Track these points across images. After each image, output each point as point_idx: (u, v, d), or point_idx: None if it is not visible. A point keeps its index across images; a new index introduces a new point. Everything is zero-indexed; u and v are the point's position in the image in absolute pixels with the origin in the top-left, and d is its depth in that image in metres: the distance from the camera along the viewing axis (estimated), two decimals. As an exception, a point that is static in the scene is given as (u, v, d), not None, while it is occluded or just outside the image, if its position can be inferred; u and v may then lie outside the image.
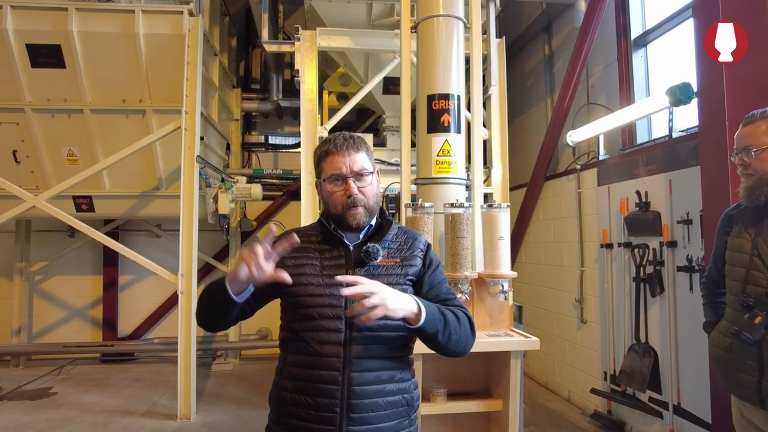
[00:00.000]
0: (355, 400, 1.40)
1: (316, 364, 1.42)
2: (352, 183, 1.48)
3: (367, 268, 1.49)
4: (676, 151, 3.44)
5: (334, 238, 1.53)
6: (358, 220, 1.49)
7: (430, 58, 2.98)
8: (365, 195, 1.50)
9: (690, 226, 3.30)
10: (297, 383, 1.44)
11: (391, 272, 1.51)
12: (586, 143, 4.64)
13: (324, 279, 1.46)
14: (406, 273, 1.53)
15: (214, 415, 4.66)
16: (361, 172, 1.50)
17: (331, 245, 1.53)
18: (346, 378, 1.40)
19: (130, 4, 4.76)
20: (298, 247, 1.45)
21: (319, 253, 1.52)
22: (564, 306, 4.98)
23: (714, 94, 2.78)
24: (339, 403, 1.40)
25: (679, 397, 3.39)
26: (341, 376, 1.40)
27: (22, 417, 4.55)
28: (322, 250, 1.53)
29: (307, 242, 1.53)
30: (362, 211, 1.49)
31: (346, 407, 1.40)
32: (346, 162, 1.48)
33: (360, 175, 1.50)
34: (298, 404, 1.43)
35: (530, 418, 4.43)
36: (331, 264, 1.49)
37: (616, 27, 4.34)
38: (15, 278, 6.51)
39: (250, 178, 6.47)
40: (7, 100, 4.97)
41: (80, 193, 5.38)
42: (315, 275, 1.47)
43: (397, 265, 1.53)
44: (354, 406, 1.40)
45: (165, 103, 5.00)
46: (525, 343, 2.67)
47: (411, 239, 1.60)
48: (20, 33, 4.71)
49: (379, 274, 1.48)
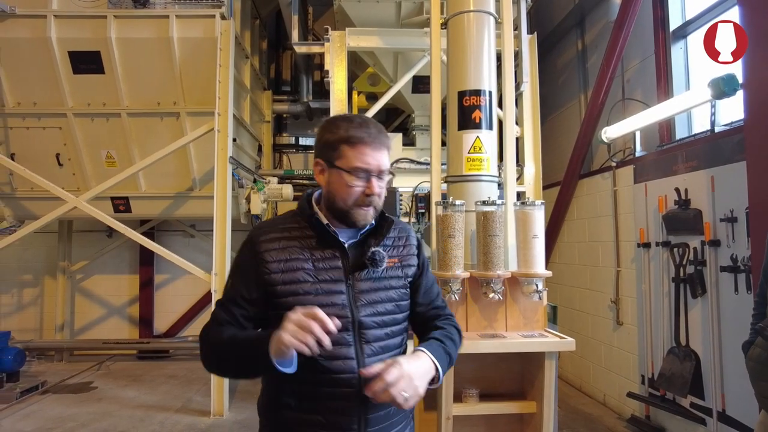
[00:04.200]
0: (373, 414, 1.31)
1: (328, 382, 1.28)
2: (376, 182, 1.32)
3: (367, 271, 1.35)
4: (719, 146, 3.29)
5: (329, 236, 1.34)
6: (368, 220, 1.36)
7: (460, 54, 2.94)
8: (380, 197, 1.35)
9: (734, 225, 3.15)
10: (304, 403, 1.30)
11: (392, 275, 1.39)
12: (622, 140, 4.51)
13: (321, 286, 1.30)
14: (406, 274, 1.42)
15: (247, 412, 4.72)
16: (385, 172, 1.34)
17: (323, 244, 1.34)
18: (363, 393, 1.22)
19: (165, 10, 4.90)
20: (284, 246, 1.31)
21: (309, 253, 1.32)
22: (599, 307, 4.85)
23: (762, 86, 2.66)
24: (357, 420, 1.29)
25: (724, 404, 3.25)
26: (357, 392, 1.26)
27: (65, 410, 4.73)
28: (312, 248, 1.33)
29: (291, 239, 1.33)
30: (373, 212, 1.35)
31: (365, 423, 1.30)
32: (377, 157, 1.31)
33: (382, 174, 1.34)
34: (307, 424, 1.30)
35: (564, 421, 4.32)
36: (326, 267, 1.32)
37: (653, 19, 4.20)
38: (58, 277, 6.81)
39: (281, 178, 6.55)
40: (51, 105, 5.19)
41: (118, 194, 5.57)
42: (310, 282, 1.29)
43: (396, 266, 1.41)
44: (372, 420, 1.31)
45: (198, 105, 5.12)
46: (560, 344, 2.60)
47: (405, 234, 1.48)
48: (63, 41, 4.91)
49: (381, 277, 1.37)
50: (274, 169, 7.25)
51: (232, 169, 4.90)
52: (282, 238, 1.33)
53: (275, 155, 7.52)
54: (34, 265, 7.02)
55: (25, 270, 7.02)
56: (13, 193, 5.55)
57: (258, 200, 5.69)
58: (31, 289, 7.03)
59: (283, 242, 1.33)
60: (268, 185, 5.89)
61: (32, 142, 5.35)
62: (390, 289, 1.38)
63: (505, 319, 2.78)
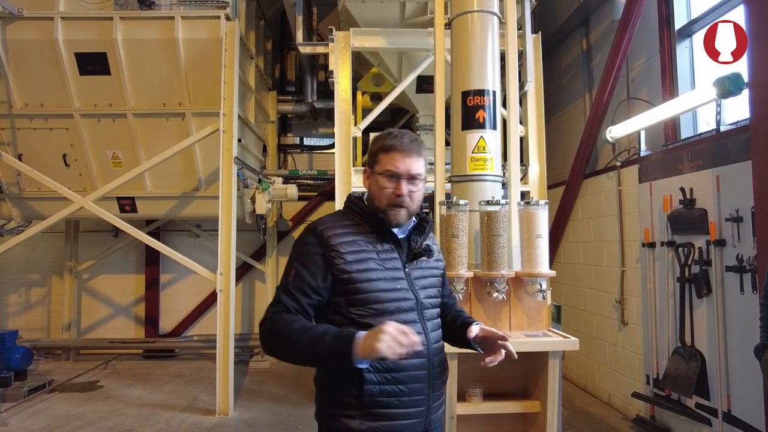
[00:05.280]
0: (436, 380, 1.55)
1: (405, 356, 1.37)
2: (405, 184, 1.51)
3: (416, 261, 1.59)
4: (725, 145, 3.28)
5: (387, 231, 1.55)
6: (399, 220, 1.54)
7: (464, 54, 2.94)
8: (412, 199, 1.54)
9: (740, 224, 3.14)
10: (385, 375, 1.46)
11: (432, 266, 1.64)
12: (627, 139, 4.49)
13: (387, 273, 1.51)
14: (439, 267, 1.70)
15: (252, 411, 4.75)
16: (416, 177, 1.53)
17: (382, 238, 1.55)
18: (431, 362, 1.52)
19: (170, 11, 4.93)
20: (351, 239, 1.51)
21: (371, 245, 1.53)
22: (604, 307, 4.84)
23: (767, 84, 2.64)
24: (427, 386, 1.52)
25: (730, 404, 3.23)
26: (428, 361, 1.52)
27: (73, 408, 4.77)
28: (374, 242, 1.54)
29: (357, 234, 1.54)
30: (405, 213, 1.53)
31: (431, 387, 1.53)
32: (407, 163, 1.51)
33: (414, 179, 1.53)
34: (390, 394, 1.47)
35: (569, 421, 4.32)
36: (387, 257, 1.53)
37: (658, 17, 4.18)
38: (65, 276, 6.86)
39: (286, 178, 6.58)
40: (58, 106, 5.22)
41: (124, 195, 5.60)
42: (380, 269, 1.50)
43: (435, 258, 1.67)
44: (435, 384, 1.54)
45: (203, 106, 5.15)
46: (564, 343, 2.61)
47: (432, 234, 1.74)
48: (69, 42, 4.94)
49: (426, 267, 1.62)
50: (279, 169, 7.27)
51: (237, 170, 4.92)
52: (348, 233, 1.53)
53: (280, 155, 7.54)
54: (42, 264, 7.08)
55: (32, 269, 7.08)
56: (21, 194, 5.60)
57: (263, 200, 5.71)
58: (39, 288, 7.09)
59: (350, 236, 1.52)
60: (272, 185, 5.92)
61: (39, 143, 5.39)
62: (433, 277, 1.64)
63: (509, 319, 2.78)
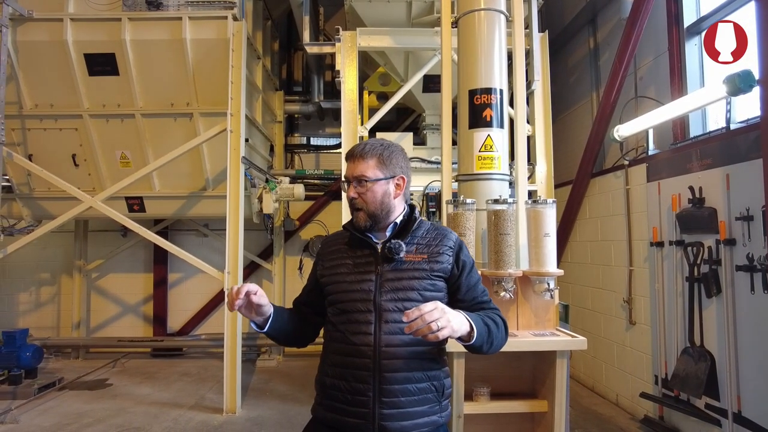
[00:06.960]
0: (386, 385, 1.51)
1: (351, 352, 1.55)
2: (352, 188, 1.61)
3: (393, 263, 1.59)
4: (735, 143, 3.25)
5: (362, 240, 1.64)
6: (360, 222, 1.61)
7: (471, 52, 2.94)
8: (364, 200, 1.60)
9: (751, 223, 3.11)
10: (336, 369, 1.58)
11: (417, 267, 1.59)
12: (634, 138, 4.46)
13: (356, 276, 1.60)
14: (432, 269, 1.60)
15: (259, 410, 4.77)
16: (361, 177, 1.59)
17: (360, 246, 1.65)
18: (377, 365, 1.52)
19: (178, 12, 4.96)
20: (335, 248, 1.70)
21: (351, 253, 1.66)
22: (612, 307, 4.81)
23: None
24: (372, 388, 1.51)
25: (740, 405, 3.20)
26: (372, 363, 1.52)
27: (82, 406, 4.81)
28: (353, 250, 1.66)
29: (339, 245, 1.70)
30: (362, 215, 1.61)
31: (378, 392, 1.51)
32: (352, 168, 1.63)
33: (360, 181, 1.60)
34: (336, 388, 1.57)
35: (576, 421, 4.30)
36: (361, 262, 1.62)
37: (667, 15, 4.15)
38: (75, 275, 6.92)
39: (292, 178, 6.59)
40: (68, 107, 5.27)
41: (132, 194, 5.64)
42: (347, 273, 1.62)
43: (424, 261, 1.60)
44: (385, 390, 1.51)
45: (211, 106, 5.18)
46: (571, 342, 2.59)
47: (441, 236, 1.66)
48: (79, 43, 4.99)
49: (405, 269, 1.59)
50: (286, 169, 7.29)
51: (244, 169, 4.94)
52: (335, 244, 1.72)
53: (287, 155, 7.56)
54: (52, 263, 7.14)
55: (42, 269, 7.15)
56: (31, 194, 5.66)
57: (270, 200, 5.73)
58: (49, 287, 7.16)
59: (334, 247, 1.71)
60: (280, 185, 5.93)
61: (49, 143, 5.44)
62: (413, 279, 1.58)
63: (517, 318, 2.78)
